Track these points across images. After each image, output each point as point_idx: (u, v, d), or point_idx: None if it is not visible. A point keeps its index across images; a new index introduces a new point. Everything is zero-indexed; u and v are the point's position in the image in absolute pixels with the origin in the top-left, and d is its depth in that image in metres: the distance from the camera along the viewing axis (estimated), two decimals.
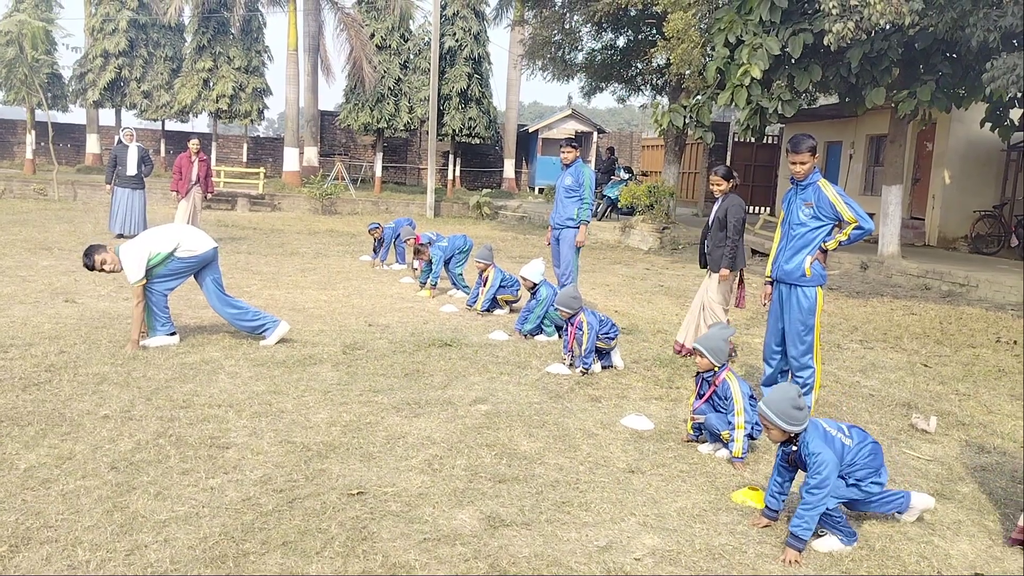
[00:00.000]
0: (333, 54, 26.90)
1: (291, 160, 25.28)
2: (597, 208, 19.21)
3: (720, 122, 24.87)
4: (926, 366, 7.44)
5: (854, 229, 5.28)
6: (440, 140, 25.90)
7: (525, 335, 7.71)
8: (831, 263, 5.12)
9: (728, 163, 25.47)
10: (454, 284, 10.14)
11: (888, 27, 11.14)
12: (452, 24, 25.45)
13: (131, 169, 13.57)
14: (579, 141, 8.89)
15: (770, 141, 25.70)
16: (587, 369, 6.43)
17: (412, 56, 25.85)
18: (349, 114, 25.01)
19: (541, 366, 6.63)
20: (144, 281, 6.46)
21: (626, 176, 19.69)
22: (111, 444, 4.47)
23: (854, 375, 6.99)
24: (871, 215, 6.07)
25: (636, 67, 20.50)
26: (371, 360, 6.57)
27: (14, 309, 7.73)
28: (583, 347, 6.41)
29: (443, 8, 24.64)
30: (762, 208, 25.07)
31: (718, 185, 7.00)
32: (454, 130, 25.79)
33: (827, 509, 3.64)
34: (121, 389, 5.45)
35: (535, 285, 7.77)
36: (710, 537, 3.72)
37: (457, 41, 25.53)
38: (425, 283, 10.01)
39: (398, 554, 3.43)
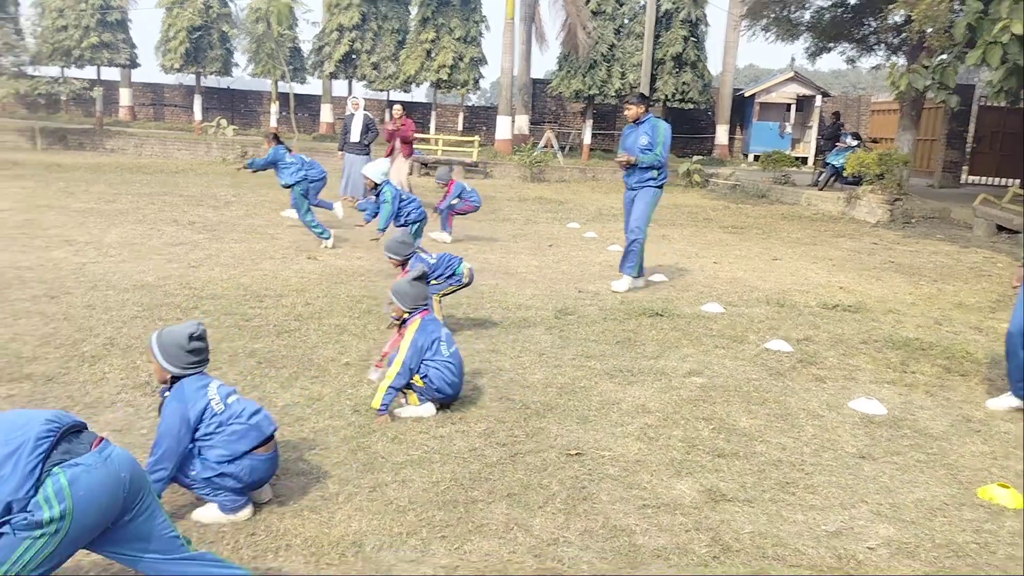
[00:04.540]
0: (548, 22, 27.04)
1: (503, 128, 25.92)
2: (819, 177, 18.12)
3: (964, 84, 22.43)
4: None
5: None
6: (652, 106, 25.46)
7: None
8: None
9: (972, 129, 23.03)
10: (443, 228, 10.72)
11: None
12: None
13: (355, 136, 14.45)
14: (647, 99, 7.90)
15: (1023, 105, 22.86)
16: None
17: (627, 21, 25.49)
18: (561, 81, 25.18)
19: (759, 341, 6.40)
20: None
21: (854, 143, 18.34)
22: (353, 389, 4.88)
23: None
24: None
25: (869, 25, 18.94)
26: (583, 326, 6.66)
27: (265, 264, 8.58)
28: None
29: None
30: (1011, 180, 22.45)
31: None
32: (666, 95, 25.23)
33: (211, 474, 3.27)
34: (359, 340, 5.92)
35: (376, 185, 7.58)
36: (952, 533, 3.45)
37: (674, 3, 24.85)
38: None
39: (618, 517, 3.48)
